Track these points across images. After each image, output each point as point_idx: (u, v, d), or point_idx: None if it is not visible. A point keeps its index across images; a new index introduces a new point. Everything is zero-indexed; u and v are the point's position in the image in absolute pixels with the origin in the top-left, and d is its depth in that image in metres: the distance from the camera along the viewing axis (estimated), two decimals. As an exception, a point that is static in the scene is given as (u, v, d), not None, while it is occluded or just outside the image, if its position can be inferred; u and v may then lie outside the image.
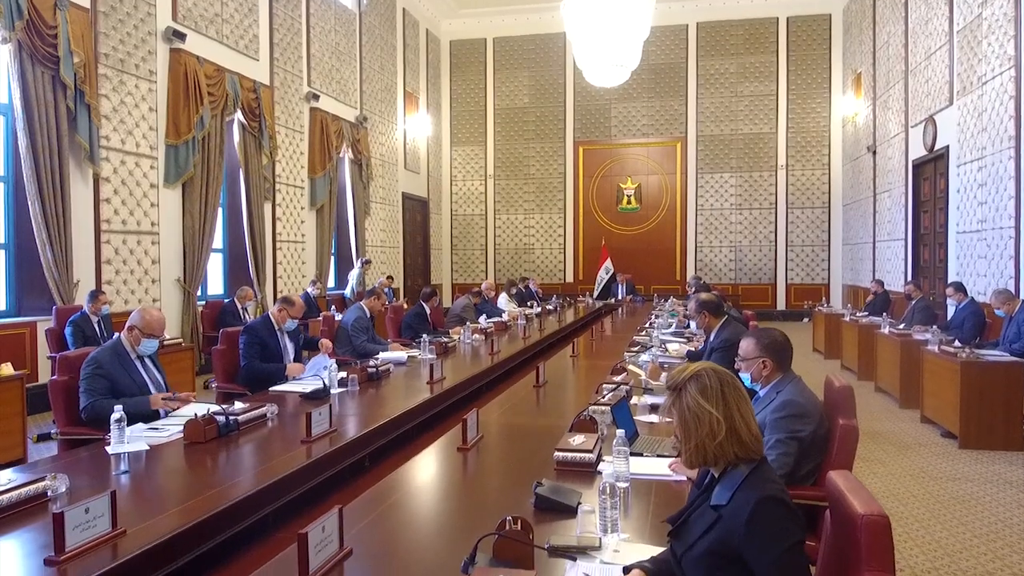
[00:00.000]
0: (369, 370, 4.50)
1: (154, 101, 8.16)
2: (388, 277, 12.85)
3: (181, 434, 3.08)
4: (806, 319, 13.58)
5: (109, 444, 2.89)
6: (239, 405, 3.40)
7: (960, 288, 7.36)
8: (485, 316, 8.60)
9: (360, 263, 11.94)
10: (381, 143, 13.87)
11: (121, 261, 7.74)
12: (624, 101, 16.08)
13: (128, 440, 2.90)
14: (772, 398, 2.74)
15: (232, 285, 9.83)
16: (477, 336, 6.76)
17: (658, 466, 2.59)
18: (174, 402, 3.61)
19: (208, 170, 8.87)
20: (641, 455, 2.71)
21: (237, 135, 9.65)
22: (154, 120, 8.17)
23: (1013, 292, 6.79)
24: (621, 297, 13.96)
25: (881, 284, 10.53)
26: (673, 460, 2.58)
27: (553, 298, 12.57)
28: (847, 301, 13.52)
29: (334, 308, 9.77)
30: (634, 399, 3.71)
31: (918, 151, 10.46)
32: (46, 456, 3.70)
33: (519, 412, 3.86)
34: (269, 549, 2.21)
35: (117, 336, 3.79)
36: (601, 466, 2.54)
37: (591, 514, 1.98)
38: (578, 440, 2.70)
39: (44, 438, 5.50)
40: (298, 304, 5.16)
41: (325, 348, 5.19)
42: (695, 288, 9.20)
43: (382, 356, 5.31)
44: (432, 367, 4.54)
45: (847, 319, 9.43)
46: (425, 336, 5.71)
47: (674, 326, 7.50)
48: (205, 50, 8.90)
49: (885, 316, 8.35)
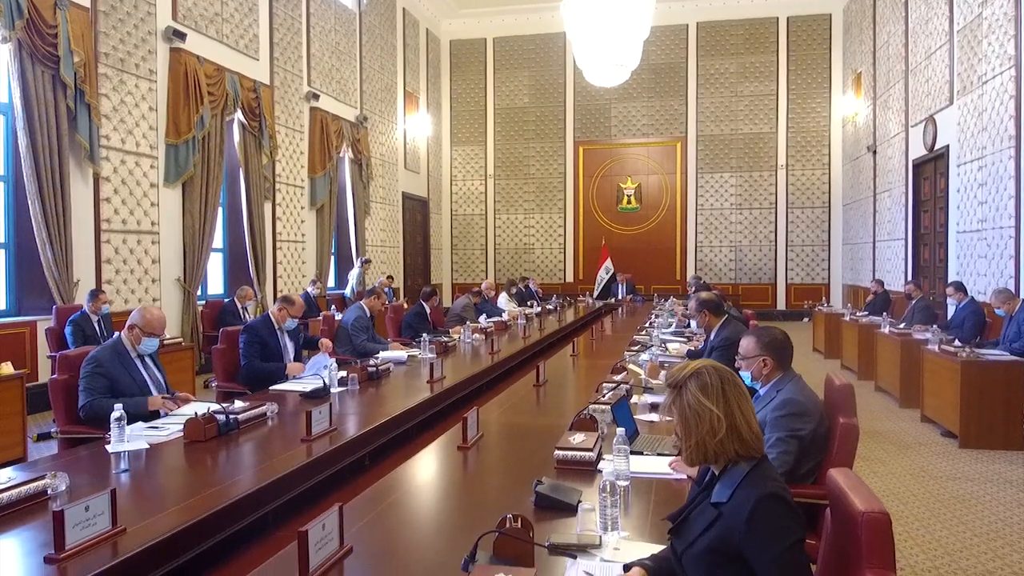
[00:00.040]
0: (369, 369, 4.50)
1: (154, 100, 8.16)
2: (388, 277, 12.84)
3: (181, 433, 3.08)
4: (806, 319, 13.58)
5: (109, 443, 2.89)
6: (239, 404, 3.40)
7: (960, 288, 7.36)
8: (485, 316, 8.60)
9: (360, 262, 11.94)
10: (381, 143, 13.87)
11: (121, 260, 7.74)
12: (624, 101, 16.08)
13: (128, 439, 2.90)
14: (772, 396, 2.73)
15: (232, 285, 9.83)
16: (477, 335, 6.76)
17: (658, 465, 2.59)
18: (172, 403, 3.61)
19: (208, 170, 8.87)
20: (641, 454, 2.71)
21: (237, 135, 9.65)
22: (154, 119, 8.17)
23: (1013, 291, 6.79)
24: (621, 297, 13.96)
25: (881, 284, 10.53)
26: (673, 459, 2.58)
27: (553, 298, 12.57)
28: (847, 301, 13.52)
29: (334, 308, 9.77)
30: (634, 398, 3.71)
31: (918, 151, 10.45)
32: (46, 455, 3.70)
33: (519, 411, 3.86)
34: (269, 547, 2.21)
35: (117, 335, 3.79)
36: (601, 464, 2.54)
37: (591, 512, 1.98)
38: (578, 439, 2.70)
39: (44, 437, 5.51)
40: (298, 303, 5.16)
41: (325, 348, 5.20)
42: (695, 288, 9.20)
43: (382, 355, 5.31)
44: (432, 366, 4.55)
45: (847, 319, 9.43)
46: (425, 335, 5.72)
47: (674, 325, 7.49)
48: (205, 50, 8.90)
49: (885, 316, 8.34)
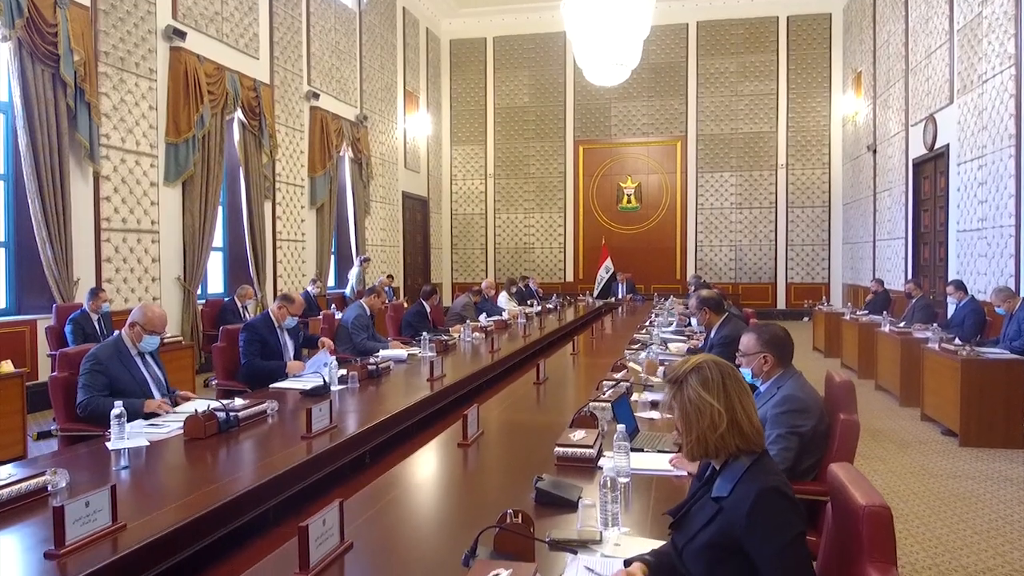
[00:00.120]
0: (369, 367, 4.50)
1: (154, 99, 8.16)
2: (388, 276, 12.85)
3: (181, 430, 3.08)
4: (806, 318, 13.58)
5: (109, 440, 2.89)
6: (239, 401, 3.40)
7: (960, 286, 7.35)
8: (485, 315, 8.61)
9: (359, 261, 11.95)
10: (381, 142, 13.87)
11: (121, 259, 7.74)
12: (624, 100, 16.08)
13: (128, 436, 2.91)
14: (773, 393, 2.73)
15: (232, 284, 9.83)
16: (477, 334, 6.76)
17: (659, 461, 2.59)
18: (169, 407, 3.58)
19: (208, 169, 8.87)
20: (642, 451, 2.71)
21: (237, 134, 9.65)
22: (154, 118, 8.17)
23: (1013, 290, 6.79)
24: (621, 296, 13.97)
25: (881, 283, 10.53)
26: (674, 455, 2.58)
27: (553, 297, 12.58)
28: (847, 300, 13.52)
29: (334, 307, 9.77)
30: (634, 396, 3.71)
31: (918, 150, 10.45)
32: (46, 452, 3.70)
33: (519, 409, 3.86)
34: (269, 543, 2.21)
35: (118, 333, 3.78)
36: (602, 461, 2.53)
37: (592, 508, 1.98)
38: (579, 436, 2.70)
39: (44, 436, 5.51)
40: (297, 301, 5.16)
41: (326, 347, 5.18)
42: (695, 287, 9.20)
43: (382, 354, 5.31)
44: (432, 364, 4.55)
45: (847, 318, 9.43)
46: (425, 334, 5.72)
47: (675, 324, 7.49)
48: (205, 48, 8.90)
49: (885, 315, 8.34)
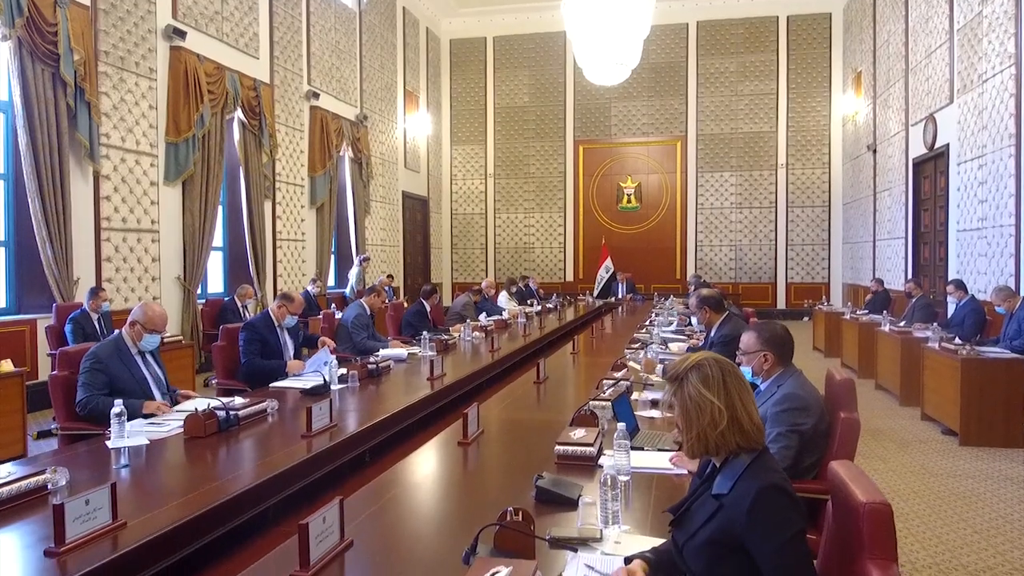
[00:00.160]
0: (369, 366, 4.50)
1: (154, 99, 8.16)
2: (388, 276, 12.85)
3: (181, 429, 3.08)
4: (806, 318, 13.58)
5: (109, 439, 2.89)
6: (239, 400, 3.40)
7: (960, 286, 7.35)
8: (485, 314, 8.60)
9: (359, 260, 11.94)
10: (381, 142, 13.87)
11: (121, 259, 7.74)
12: (624, 100, 16.08)
13: (128, 435, 2.90)
14: (773, 392, 2.73)
15: (232, 283, 9.83)
16: (477, 334, 6.76)
17: (659, 460, 2.59)
18: (168, 409, 3.56)
19: (208, 168, 8.87)
20: (642, 449, 2.71)
21: (237, 133, 9.65)
22: (154, 118, 8.17)
23: (1013, 289, 6.79)
24: (621, 296, 13.97)
25: (881, 283, 10.53)
26: (674, 454, 2.58)
27: (553, 296, 12.57)
28: (847, 300, 13.52)
29: (334, 306, 9.77)
30: (635, 395, 3.70)
31: (918, 149, 10.45)
32: (46, 451, 3.70)
33: (520, 407, 3.86)
34: (269, 542, 2.21)
35: (118, 332, 3.78)
36: (602, 460, 2.53)
37: (592, 506, 1.98)
38: (579, 434, 2.70)
39: (44, 435, 5.50)
40: (297, 300, 5.15)
41: (325, 345, 5.17)
42: (695, 286, 9.19)
43: (382, 353, 5.30)
44: (432, 363, 4.55)
45: (847, 317, 9.43)
46: (426, 333, 5.72)
47: (675, 324, 7.49)
48: (205, 48, 8.90)
49: (885, 314, 8.34)
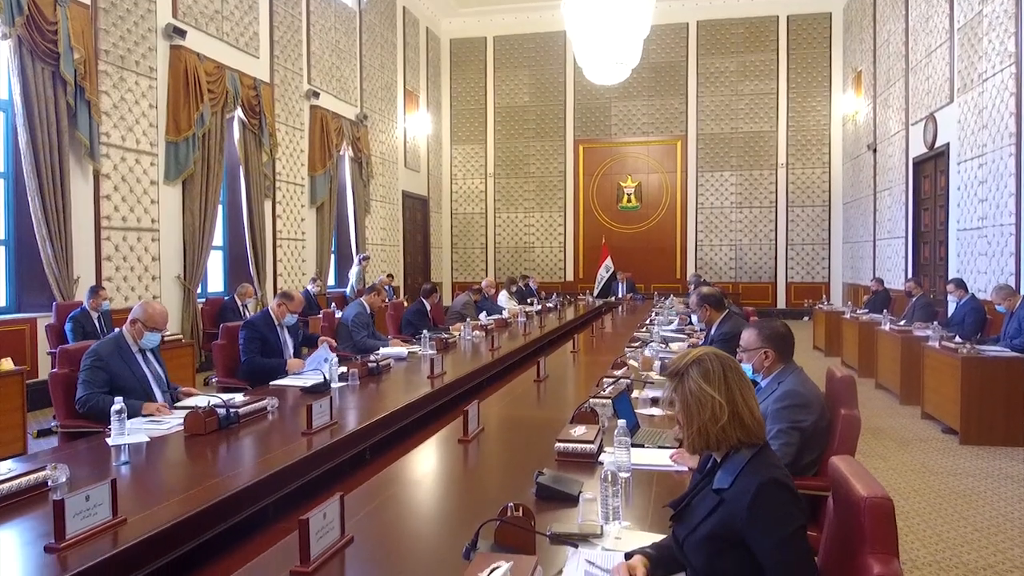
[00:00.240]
0: (369, 365, 4.50)
1: (154, 98, 8.16)
2: (388, 275, 12.85)
3: (181, 426, 3.08)
4: (806, 317, 13.57)
5: (109, 436, 2.89)
6: (240, 398, 3.39)
7: (961, 285, 7.35)
8: (485, 313, 8.60)
9: (359, 259, 11.94)
10: (381, 141, 13.87)
11: (121, 258, 7.74)
12: (624, 99, 16.08)
13: (128, 432, 2.90)
14: (774, 388, 2.73)
15: (232, 282, 9.83)
16: (477, 332, 6.76)
17: (659, 457, 2.59)
18: (167, 411, 3.55)
19: (208, 167, 8.86)
20: (642, 446, 2.71)
21: (237, 132, 9.65)
22: (154, 117, 8.17)
23: (1014, 288, 6.79)
24: (621, 295, 13.97)
25: (881, 282, 10.53)
26: (675, 451, 2.58)
27: (553, 296, 12.57)
28: (847, 299, 13.52)
29: (334, 305, 9.77)
30: (635, 392, 3.70)
31: (919, 149, 10.45)
32: (46, 449, 3.69)
33: (520, 405, 3.86)
34: (270, 538, 2.20)
35: (119, 330, 3.78)
36: (602, 457, 2.53)
37: (592, 502, 1.98)
38: (579, 431, 2.70)
39: (45, 434, 5.49)
40: (297, 298, 5.15)
41: (325, 343, 5.17)
42: (695, 286, 9.19)
43: (382, 351, 5.31)
44: (433, 362, 4.55)
45: (847, 317, 9.43)
46: (426, 332, 5.72)
47: (675, 323, 7.48)
48: (205, 47, 8.90)
49: (885, 313, 8.34)
